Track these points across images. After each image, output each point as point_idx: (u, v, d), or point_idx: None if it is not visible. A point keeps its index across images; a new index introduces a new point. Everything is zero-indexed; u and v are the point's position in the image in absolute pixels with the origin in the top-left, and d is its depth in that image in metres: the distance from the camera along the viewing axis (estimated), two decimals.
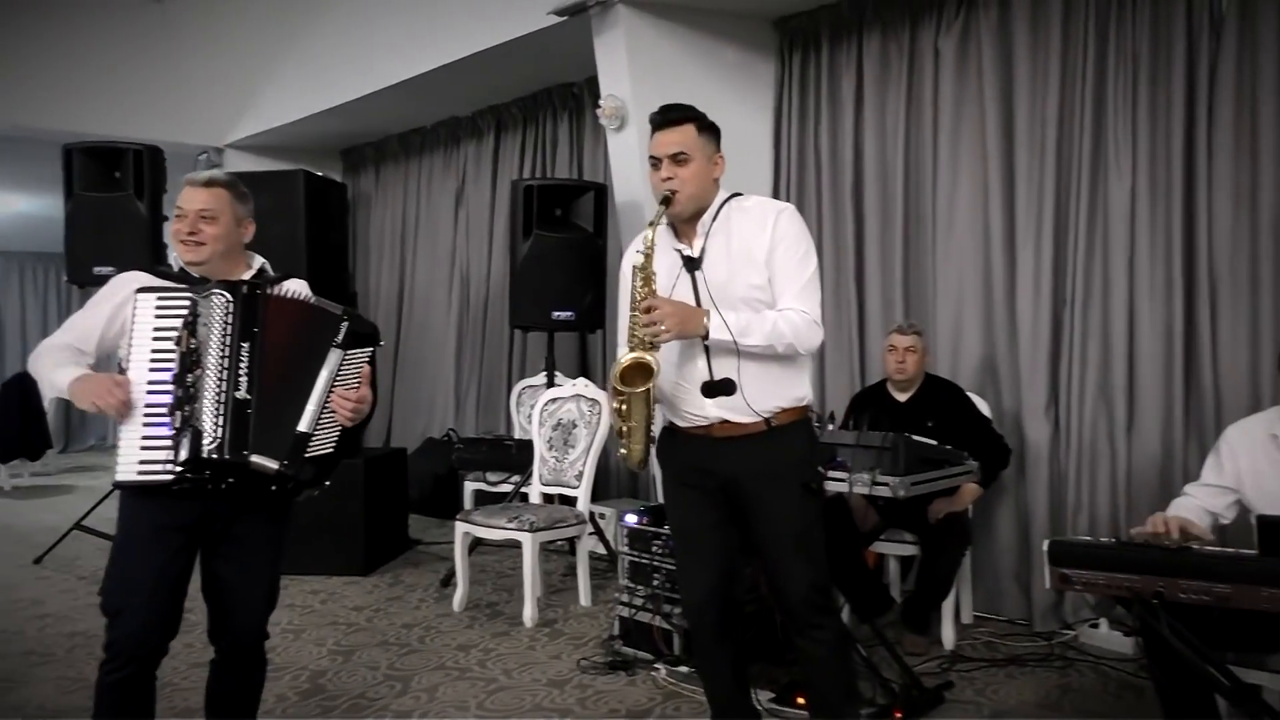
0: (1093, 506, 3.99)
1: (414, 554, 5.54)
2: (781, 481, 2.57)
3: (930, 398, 3.99)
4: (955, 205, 4.42)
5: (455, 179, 7.16)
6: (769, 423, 2.56)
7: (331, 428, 2.41)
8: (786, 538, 2.58)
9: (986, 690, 3.38)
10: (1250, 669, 2.36)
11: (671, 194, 2.49)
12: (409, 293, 7.60)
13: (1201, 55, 3.73)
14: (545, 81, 6.16)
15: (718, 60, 4.91)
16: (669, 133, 2.54)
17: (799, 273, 2.55)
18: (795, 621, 2.62)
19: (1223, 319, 3.72)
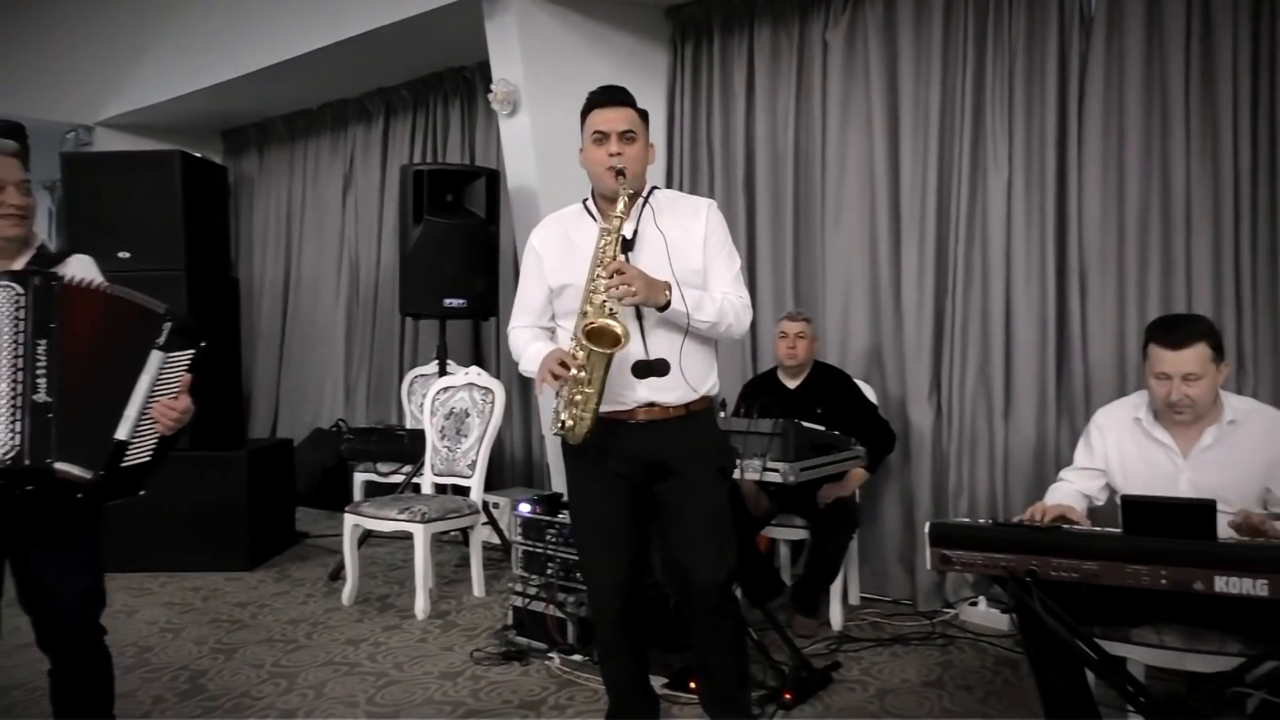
0: (973, 488, 4.13)
1: (302, 548, 5.40)
2: (701, 466, 2.62)
3: (819, 385, 4.07)
4: (843, 196, 4.51)
5: (343, 163, 6.97)
6: (689, 408, 2.59)
7: (150, 436, 2.27)
8: (702, 523, 2.60)
9: (872, 669, 3.47)
10: (1116, 642, 2.48)
11: (623, 168, 2.50)
12: (295, 279, 7.37)
13: (1073, 54, 3.89)
14: (436, 64, 6.04)
15: (611, 47, 4.89)
16: (616, 110, 2.56)
17: (730, 262, 2.65)
18: (700, 608, 2.65)
19: (1092, 307, 3.89)
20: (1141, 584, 2.13)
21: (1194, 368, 2.53)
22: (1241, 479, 2.57)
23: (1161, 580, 2.11)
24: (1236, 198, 3.54)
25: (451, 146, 6.20)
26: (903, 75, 4.28)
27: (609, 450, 2.58)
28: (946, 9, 4.16)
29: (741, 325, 2.62)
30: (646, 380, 2.53)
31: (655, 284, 2.45)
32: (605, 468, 2.61)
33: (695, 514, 2.60)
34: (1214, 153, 3.59)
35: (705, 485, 2.63)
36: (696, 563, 2.60)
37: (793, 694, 3.13)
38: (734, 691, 2.74)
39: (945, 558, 2.34)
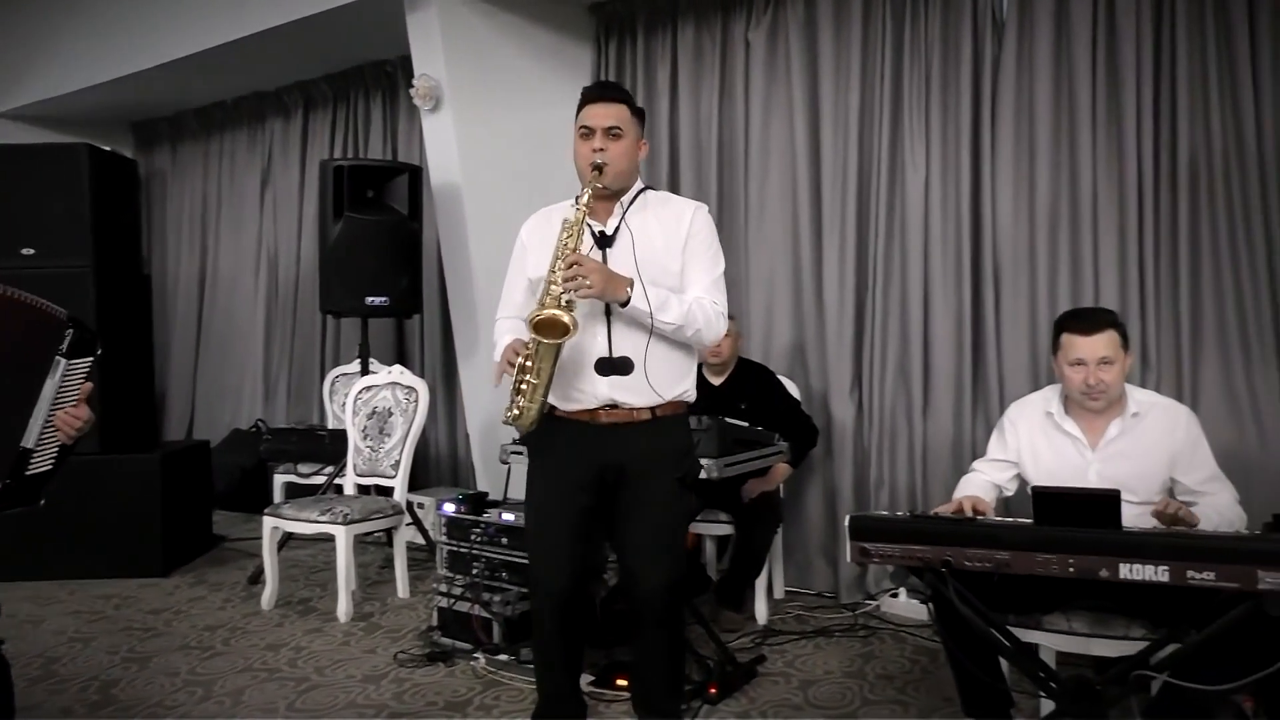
0: (893, 482, 4.22)
1: (219, 551, 5.26)
2: (660, 474, 2.61)
3: (743, 381, 4.11)
4: (766, 194, 4.56)
5: (261, 158, 6.81)
6: (654, 412, 2.59)
7: (52, 444, 2.21)
8: (657, 530, 2.61)
9: (796, 662, 3.52)
10: (1029, 629, 2.56)
11: (603, 164, 2.49)
12: (212, 277, 7.18)
13: (985, 56, 3.99)
14: (357, 58, 5.94)
15: (534, 43, 4.87)
16: (606, 106, 2.56)
17: (711, 267, 2.64)
18: (646, 613, 2.66)
19: (1005, 304, 3.99)
20: (1051, 572, 2.20)
21: (1107, 352, 2.64)
22: (1146, 469, 2.67)
23: (1070, 568, 2.17)
24: (1140, 198, 3.67)
25: (373, 142, 6.11)
26: (823, 75, 4.34)
27: (571, 451, 2.58)
28: (865, 11, 4.23)
29: (712, 331, 2.60)
30: (609, 379, 2.53)
31: (616, 280, 2.44)
32: (566, 468, 2.60)
33: (648, 522, 2.61)
34: (1118, 154, 3.71)
35: (662, 494, 2.62)
36: (645, 570, 2.62)
37: (718, 688, 3.16)
38: (664, 698, 2.76)
39: (864, 550, 2.38)
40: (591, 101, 2.59)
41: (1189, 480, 2.65)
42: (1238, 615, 2.09)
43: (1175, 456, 2.67)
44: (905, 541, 2.33)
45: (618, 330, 2.52)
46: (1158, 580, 2.10)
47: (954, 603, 2.29)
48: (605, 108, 2.56)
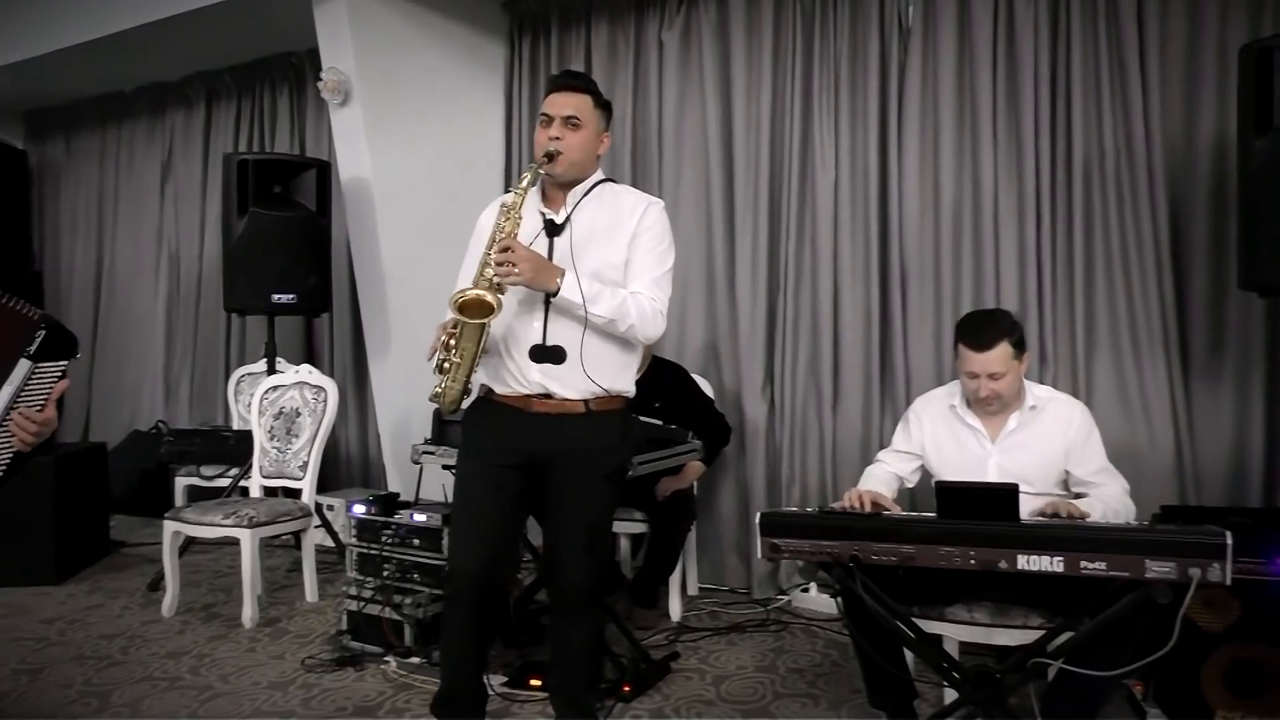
0: (804, 478, 4.29)
1: (117, 557, 5.07)
2: (589, 468, 2.59)
3: (657, 380, 4.12)
4: (680, 194, 4.59)
5: (161, 150, 6.58)
6: (588, 405, 2.57)
7: (5, 449, 2.10)
8: (581, 526, 2.60)
9: (709, 658, 3.55)
10: (933, 620, 2.63)
11: (556, 152, 2.48)
12: (109, 272, 6.91)
13: (892, 61, 4.08)
14: (263, 50, 5.78)
15: (446, 38, 4.81)
16: (567, 95, 2.55)
17: (657, 264, 2.62)
18: (565, 609, 2.66)
19: (911, 303, 4.09)
20: (953, 565, 2.27)
21: (998, 367, 2.72)
22: (1043, 461, 2.77)
23: (971, 561, 2.25)
24: (1038, 201, 3.80)
25: (280, 136, 5.96)
26: (735, 77, 4.39)
27: (502, 433, 2.56)
28: (776, 15, 4.30)
29: (648, 327, 2.57)
30: (542, 366, 2.51)
31: (546, 270, 2.43)
32: (495, 450, 2.57)
33: (573, 517, 2.60)
34: (1017, 158, 3.83)
35: (588, 490, 2.61)
36: (567, 565, 2.61)
37: (632, 686, 3.17)
38: (582, 691, 2.75)
39: (775, 546, 2.42)
40: (555, 90, 2.58)
41: (1081, 472, 2.75)
42: (1128, 603, 2.18)
43: (1070, 449, 2.77)
44: (814, 537, 2.38)
45: (554, 319, 2.50)
46: (1053, 571, 2.19)
47: (861, 596, 2.34)
48: (567, 96, 2.55)
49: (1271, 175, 2.78)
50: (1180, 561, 2.07)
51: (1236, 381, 3.55)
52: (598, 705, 2.90)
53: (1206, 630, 2.69)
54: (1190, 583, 2.06)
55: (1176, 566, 2.08)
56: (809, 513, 2.50)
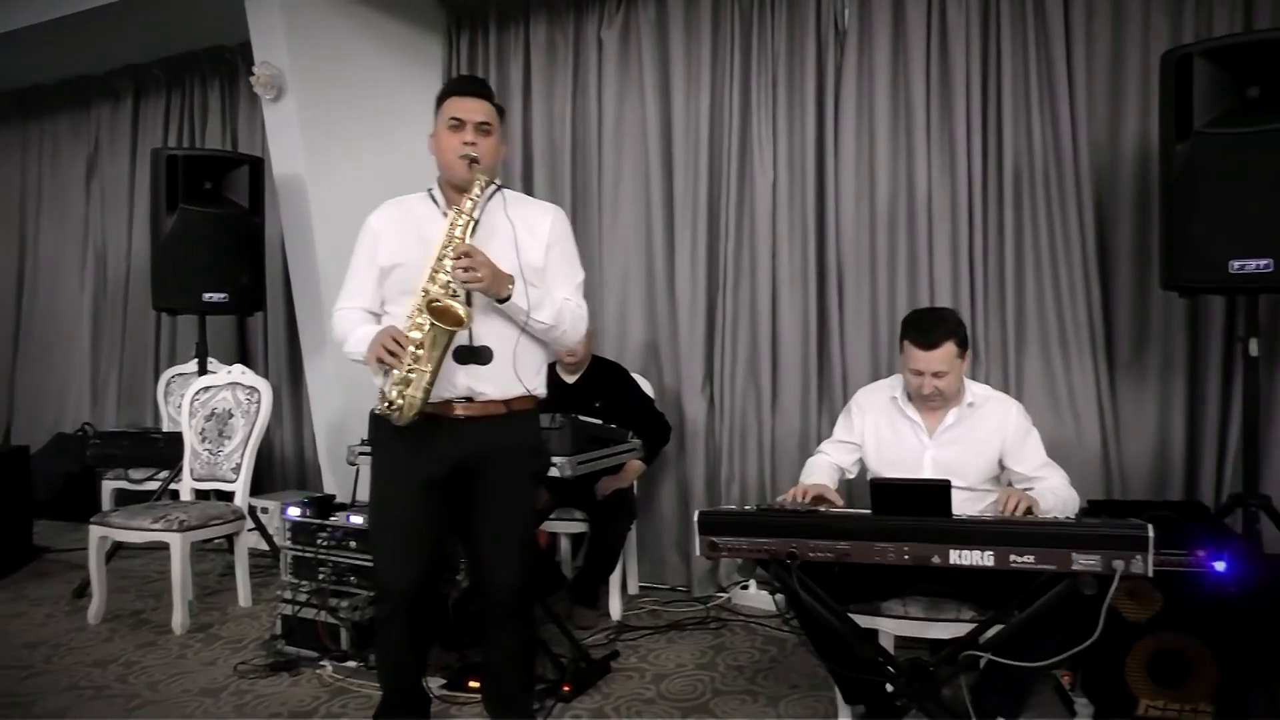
0: (743, 476, 4.32)
1: (41, 564, 4.92)
2: (515, 468, 2.59)
3: (597, 379, 4.13)
4: (620, 193, 4.59)
5: (86, 145, 6.41)
6: (509, 405, 2.56)
7: None
8: (509, 526, 2.58)
9: (649, 656, 3.56)
10: (869, 616, 2.66)
11: (476, 157, 2.46)
12: (31, 270, 6.71)
13: (829, 63, 4.13)
14: (193, 43, 5.65)
15: (382, 33, 4.75)
16: (477, 101, 2.53)
17: (574, 271, 2.68)
18: (498, 611, 2.63)
19: (849, 302, 4.14)
20: (888, 560, 2.30)
21: (943, 366, 2.77)
22: (977, 457, 2.83)
23: (905, 556, 2.28)
24: (970, 202, 3.87)
25: (211, 131, 5.84)
26: (675, 78, 4.40)
27: (422, 446, 2.52)
28: (714, 16, 4.32)
29: (576, 333, 2.65)
30: (467, 367, 2.48)
31: (500, 275, 2.43)
32: (415, 464, 2.53)
33: (500, 518, 2.58)
34: (950, 160, 3.90)
35: (514, 490, 2.60)
36: (496, 566, 2.59)
37: (571, 686, 3.16)
38: (516, 694, 2.75)
39: (713, 544, 2.43)
40: (461, 94, 2.55)
41: (1023, 469, 2.81)
42: (1055, 595, 2.23)
43: (1006, 447, 2.83)
44: (752, 535, 2.40)
45: (479, 320, 2.47)
46: (984, 565, 2.23)
47: (798, 593, 2.36)
48: (476, 103, 2.53)
49: (1191, 179, 2.87)
50: (1105, 554, 2.13)
51: (1159, 379, 3.66)
52: (535, 706, 2.89)
53: (1131, 621, 2.77)
54: (1114, 575, 2.12)
55: (1101, 559, 2.13)
56: (747, 511, 2.51)
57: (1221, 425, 3.56)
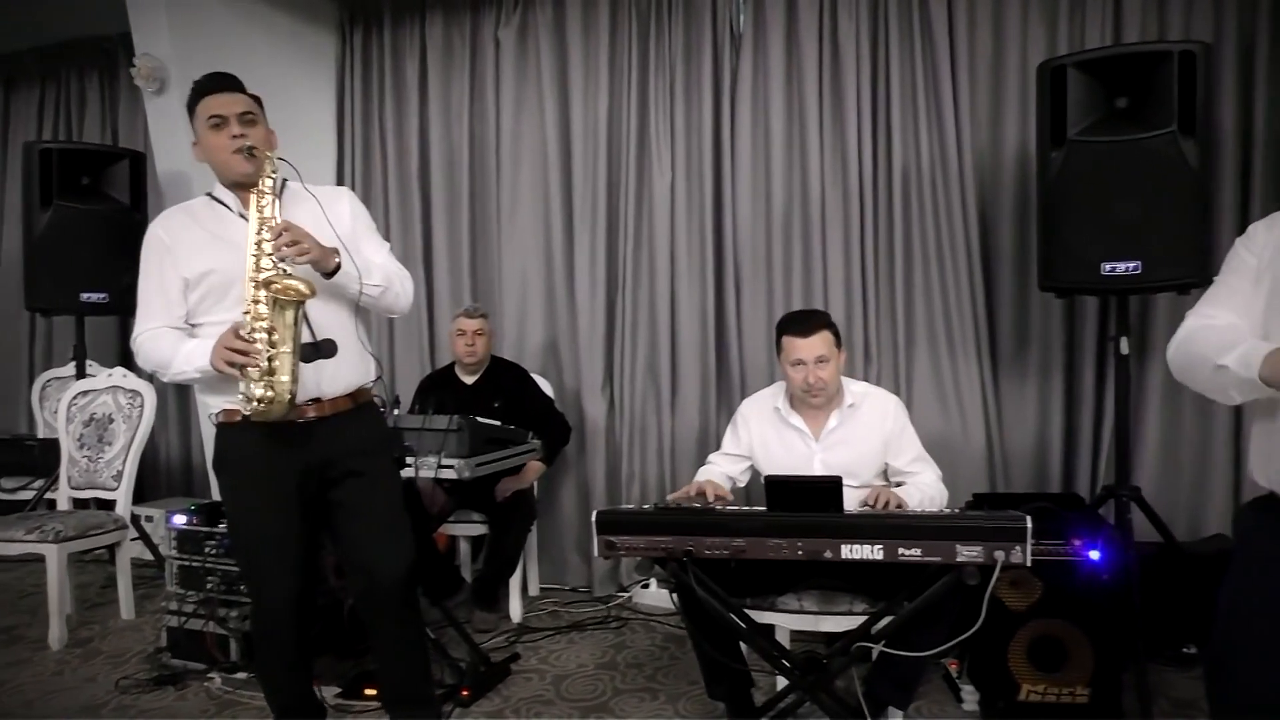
0: (643, 476, 4.34)
1: None
2: (376, 461, 2.56)
3: (496, 380, 4.10)
4: (518, 193, 4.56)
5: None
6: (354, 399, 2.52)
7: None
8: (382, 519, 2.53)
9: (550, 658, 3.55)
10: (765, 611, 2.71)
11: (253, 146, 2.38)
12: None
13: (725, 66, 4.18)
14: (69, 32, 5.40)
15: (271, 27, 4.61)
16: (231, 95, 2.44)
17: (381, 242, 2.65)
18: (383, 610, 2.57)
19: (745, 303, 4.20)
20: (782, 556, 2.35)
21: (823, 351, 2.85)
22: (863, 454, 2.91)
23: (799, 551, 2.33)
24: (861, 205, 3.97)
25: (89, 124, 5.60)
26: (573, 78, 4.40)
27: (275, 455, 2.43)
28: (612, 17, 4.33)
29: (408, 295, 2.63)
30: (315, 364, 2.40)
31: (324, 247, 2.36)
32: (272, 473, 2.44)
33: (374, 510, 2.53)
34: (843, 163, 3.99)
35: (382, 480, 2.58)
36: (379, 560, 2.52)
37: (470, 690, 3.14)
38: (420, 686, 2.69)
39: (611, 544, 2.44)
40: (212, 93, 2.45)
41: (898, 462, 2.90)
42: (941, 586, 2.31)
43: (889, 441, 2.92)
44: (649, 534, 2.42)
45: (312, 313, 2.39)
46: (874, 558, 2.30)
47: (695, 590, 2.39)
48: (232, 96, 2.45)
49: (1065, 185, 3.00)
50: (986, 545, 2.21)
51: (1039, 376, 3.82)
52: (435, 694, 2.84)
53: (1013, 609, 2.88)
54: (996, 565, 2.20)
55: (983, 550, 2.22)
56: (644, 510, 2.53)
57: (1096, 420, 3.73)
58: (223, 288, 2.39)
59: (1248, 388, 1.66)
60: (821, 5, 3.99)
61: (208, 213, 2.50)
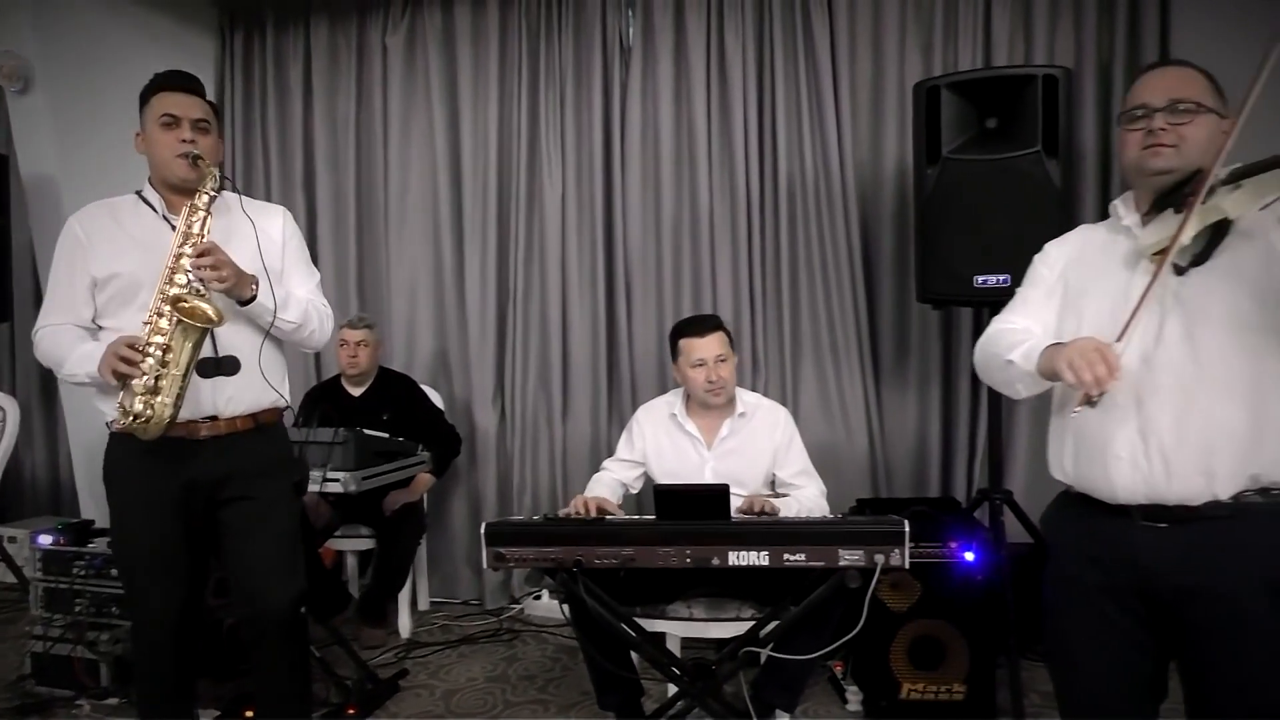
0: (535, 486, 4.33)
1: None
2: (273, 480, 2.47)
3: (384, 391, 4.03)
4: (407, 201, 4.50)
5: None
6: (257, 419, 2.44)
7: None
8: (273, 544, 2.45)
9: (439, 672, 3.50)
10: (655, 619, 2.74)
11: (199, 154, 2.30)
12: None
13: (615, 78, 4.21)
14: None
15: (145, 26, 4.45)
16: (190, 98, 2.37)
17: (310, 272, 2.59)
18: (267, 632, 2.49)
19: (636, 312, 4.23)
20: (671, 564, 2.37)
21: (721, 350, 2.95)
22: (753, 463, 2.97)
23: (687, 559, 2.36)
24: (749, 217, 4.05)
25: None
26: (462, 88, 4.37)
27: (168, 469, 2.35)
28: (502, 27, 4.32)
29: (324, 333, 2.57)
30: (213, 380, 2.34)
31: (244, 274, 2.30)
32: (163, 487, 2.36)
33: (266, 535, 2.45)
34: (730, 175, 4.07)
35: (277, 503, 2.49)
36: (267, 585, 2.45)
37: (357, 708, 3.08)
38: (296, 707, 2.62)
39: (500, 556, 2.42)
40: (171, 90, 2.37)
41: (784, 474, 2.97)
42: (824, 590, 2.37)
43: (777, 452, 2.98)
44: (538, 544, 2.41)
45: (223, 327, 2.32)
46: (760, 564, 2.34)
47: (585, 600, 2.40)
48: (190, 99, 2.38)
49: (940, 200, 3.12)
50: (867, 549, 2.28)
51: (918, 385, 3.95)
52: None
53: (894, 611, 2.97)
54: (875, 568, 2.27)
55: (864, 554, 2.28)
56: (533, 521, 2.53)
57: (971, 427, 3.88)
58: (129, 291, 2.31)
59: (1029, 380, 1.81)
60: (709, 22, 4.06)
61: (131, 213, 2.41)
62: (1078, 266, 1.90)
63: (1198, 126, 1.70)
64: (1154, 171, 1.73)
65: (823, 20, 3.93)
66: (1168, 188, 1.73)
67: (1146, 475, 1.68)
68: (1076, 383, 1.61)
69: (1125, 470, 1.70)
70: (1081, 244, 1.94)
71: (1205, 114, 1.71)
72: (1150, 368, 1.69)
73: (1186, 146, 1.70)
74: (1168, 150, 1.71)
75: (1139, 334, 1.69)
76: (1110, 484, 1.72)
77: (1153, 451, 1.68)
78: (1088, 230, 1.99)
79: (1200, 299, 1.68)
